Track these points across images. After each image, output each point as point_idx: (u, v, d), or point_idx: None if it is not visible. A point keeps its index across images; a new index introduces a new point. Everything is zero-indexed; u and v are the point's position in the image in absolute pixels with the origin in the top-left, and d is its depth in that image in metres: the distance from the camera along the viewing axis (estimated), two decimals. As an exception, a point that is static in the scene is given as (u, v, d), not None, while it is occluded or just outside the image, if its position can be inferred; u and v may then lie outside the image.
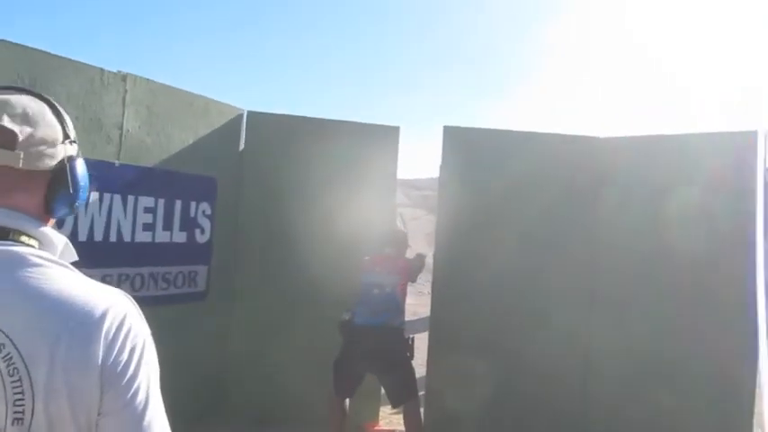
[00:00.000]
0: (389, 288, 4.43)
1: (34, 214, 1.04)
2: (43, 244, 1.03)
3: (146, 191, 4.31)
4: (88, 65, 3.97)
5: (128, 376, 0.96)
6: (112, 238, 4.07)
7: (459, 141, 5.23)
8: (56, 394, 0.90)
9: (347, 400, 4.47)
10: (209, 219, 4.84)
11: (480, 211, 5.14)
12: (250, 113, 5.22)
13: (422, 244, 16.80)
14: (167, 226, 4.49)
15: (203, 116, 4.82)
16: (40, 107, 1.05)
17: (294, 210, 5.12)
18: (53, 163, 1.04)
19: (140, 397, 0.97)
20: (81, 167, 1.09)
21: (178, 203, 4.57)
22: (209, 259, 4.85)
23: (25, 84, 3.62)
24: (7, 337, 0.90)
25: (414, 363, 5.45)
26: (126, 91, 4.20)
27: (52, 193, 1.04)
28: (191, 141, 4.70)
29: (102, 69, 4.05)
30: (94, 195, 3.98)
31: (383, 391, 5.55)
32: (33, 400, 0.90)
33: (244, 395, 5.09)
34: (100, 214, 4.02)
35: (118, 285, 4.02)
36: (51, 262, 0.99)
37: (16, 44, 3.59)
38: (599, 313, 5.06)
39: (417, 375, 6.87)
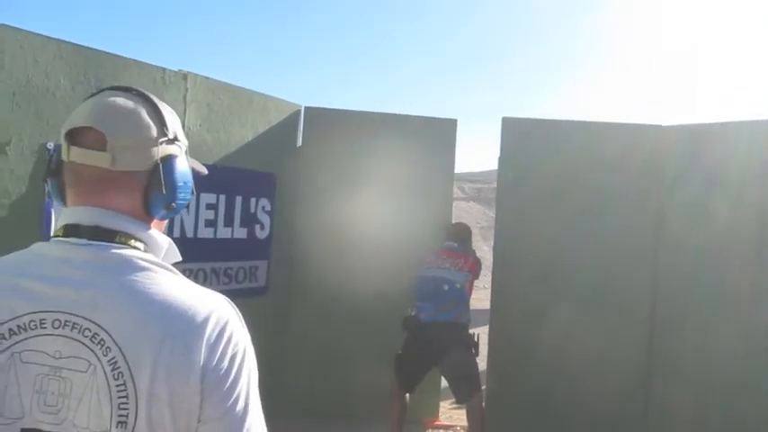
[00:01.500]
0: (459, 285, 4.39)
1: (137, 216, 1.05)
2: (148, 246, 1.04)
3: (207, 187, 4.38)
4: (150, 64, 4.05)
5: (228, 383, 0.96)
6: (176, 233, 4.15)
7: (518, 132, 5.13)
8: (157, 399, 0.92)
9: (407, 395, 4.45)
10: (269, 214, 4.89)
11: (539, 201, 5.05)
12: (307, 109, 5.24)
13: (476, 237, 16.72)
14: (228, 222, 4.55)
15: (262, 113, 4.86)
16: (135, 106, 1.05)
17: (351, 205, 5.13)
18: (148, 163, 1.04)
19: (240, 405, 0.97)
20: (180, 166, 1.09)
21: (238, 200, 4.63)
22: (269, 254, 4.90)
23: (91, 85, 3.72)
24: (113, 340, 0.92)
25: (479, 358, 5.42)
26: (187, 89, 4.27)
27: (148, 193, 1.04)
28: (250, 138, 4.75)
29: (163, 69, 4.12)
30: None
31: (443, 385, 5.53)
32: (137, 404, 0.91)
33: (302, 390, 5.12)
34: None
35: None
36: (157, 266, 1.00)
37: (81, 46, 3.68)
38: (663, 302, 4.90)
39: (481, 369, 6.87)
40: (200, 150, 4.36)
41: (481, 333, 4.66)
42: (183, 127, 4.21)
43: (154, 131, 1.05)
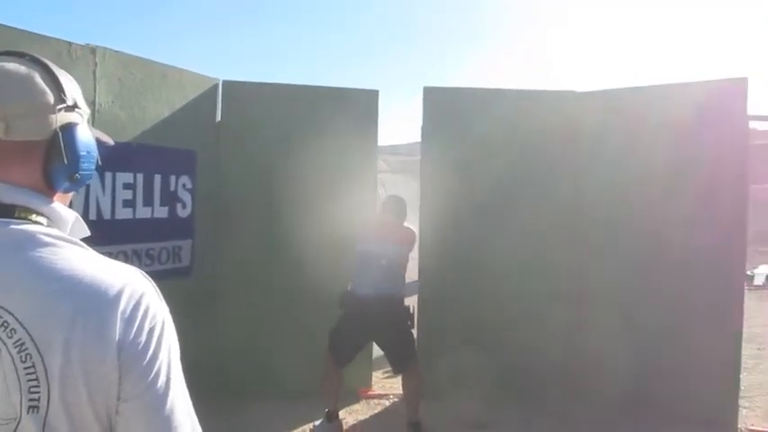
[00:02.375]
0: (396, 258, 4.39)
1: (38, 189, 0.98)
2: (52, 220, 0.97)
3: (123, 167, 4.21)
4: (55, 38, 3.83)
5: (147, 358, 0.91)
6: (92, 216, 3.98)
7: (439, 101, 5.19)
8: (72, 380, 0.86)
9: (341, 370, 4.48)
10: (190, 192, 4.76)
11: (463, 171, 5.14)
12: (225, 83, 5.10)
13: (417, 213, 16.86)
14: (148, 201, 4.40)
15: (178, 88, 4.70)
16: (27, 71, 0.98)
17: (274, 179, 5.06)
18: (46, 132, 0.97)
19: (161, 380, 0.92)
20: (82, 135, 1.02)
21: (157, 178, 4.48)
22: (192, 233, 4.79)
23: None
24: (18, 321, 0.86)
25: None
26: (96, 64, 4.07)
27: (47, 164, 0.97)
28: (166, 114, 4.58)
29: (69, 43, 3.91)
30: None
31: (375, 355, 5.59)
32: (48, 387, 0.85)
33: (229, 368, 5.05)
34: (77, 192, 3.91)
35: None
36: (62, 240, 0.94)
37: (-22, 19, 3.45)
38: (585, 258, 5.12)
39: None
40: (113, 128, 4.17)
41: (410, 304, 4.71)
42: (94, 104, 4.05)
43: (50, 98, 0.97)
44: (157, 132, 4.49)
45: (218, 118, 5.07)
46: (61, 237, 0.94)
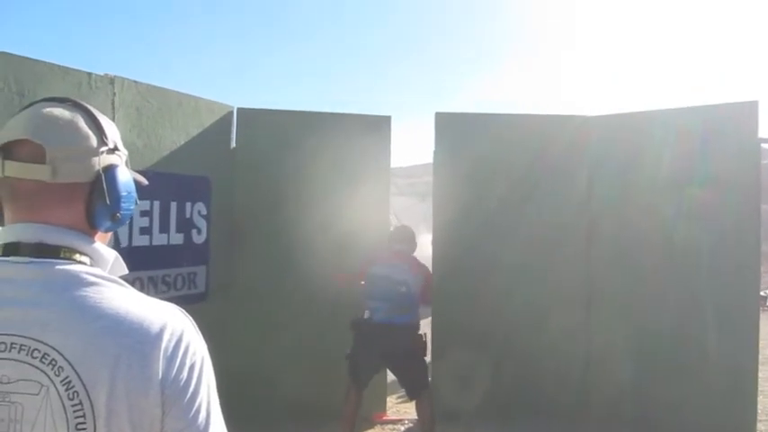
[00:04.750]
0: (414, 287, 4.40)
1: (80, 229, 1.01)
2: (94, 260, 1.01)
3: (140, 194, 4.20)
4: (75, 69, 3.91)
5: (189, 394, 0.95)
6: (109, 243, 4.01)
7: (452, 126, 5.25)
8: (117, 416, 0.89)
9: (361, 394, 4.49)
10: (206, 219, 4.80)
11: (472, 190, 5.21)
12: (240, 110, 5.17)
13: (420, 231, 16.88)
14: (164, 228, 4.45)
15: (193, 115, 4.76)
16: (72, 116, 1.01)
17: (288, 205, 5.10)
18: (89, 174, 1.01)
19: (202, 415, 0.96)
20: (122, 176, 1.06)
21: (173, 205, 4.52)
22: (207, 259, 4.82)
23: (12, 92, 3.56)
24: (66, 359, 0.89)
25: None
26: (114, 94, 4.14)
27: (91, 205, 1.01)
28: (182, 142, 4.64)
29: (89, 73, 3.98)
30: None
31: (389, 380, 5.58)
32: (95, 423, 0.88)
33: (244, 394, 5.04)
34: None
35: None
36: (105, 279, 0.97)
37: (2, 52, 3.52)
38: (592, 271, 5.17)
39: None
40: (131, 156, 4.12)
41: (424, 326, 4.72)
42: (112, 133, 4.10)
43: (94, 141, 1.01)
44: (173, 159, 4.54)
45: (233, 144, 5.13)
46: (103, 276, 0.97)
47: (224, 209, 4.97)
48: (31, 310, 0.90)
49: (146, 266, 4.28)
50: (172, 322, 0.96)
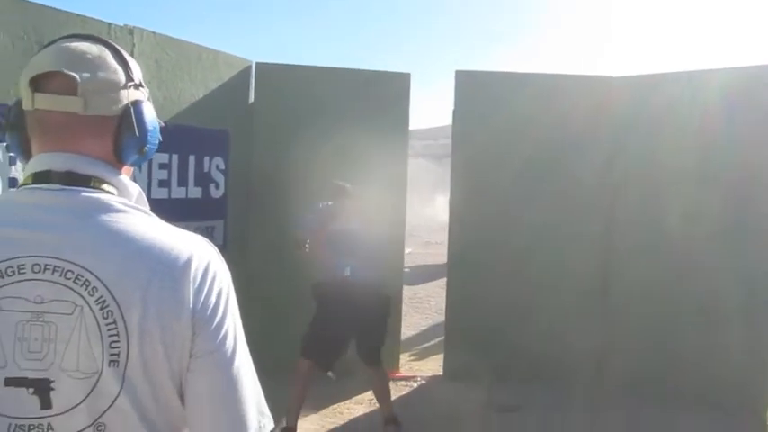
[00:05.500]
0: (379, 242, 4.09)
1: (108, 161, 1.03)
2: (120, 191, 1.02)
3: (159, 147, 4.25)
4: (95, 19, 3.89)
5: (217, 320, 0.98)
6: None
7: (473, 86, 5.17)
8: (149, 336, 0.92)
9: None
10: (223, 173, 4.81)
11: (493, 154, 5.14)
12: (258, 65, 5.13)
13: (427, 193, 16.86)
14: (182, 182, 4.47)
15: (212, 69, 4.74)
16: (100, 51, 1.03)
17: (305, 162, 5.08)
18: (118, 107, 1.02)
19: (229, 341, 0.99)
20: (148, 111, 1.07)
21: (192, 159, 4.53)
22: (225, 214, 4.85)
23: (32, 41, 3.55)
24: (99, 280, 0.91)
25: (432, 310, 5.42)
26: (134, 45, 4.11)
27: (119, 138, 1.02)
28: (201, 95, 4.63)
29: (109, 24, 3.96)
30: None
31: (403, 336, 5.64)
32: (128, 341, 0.91)
33: (260, 350, 5.12)
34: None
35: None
36: (133, 208, 1.00)
37: (23, 0, 3.50)
38: (615, 239, 5.11)
39: (435, 323, 7.05)
40: (150, 108, 4.23)
41: (434, 288, 4.72)
42: (132, 84, 4.10)
43: (122, 76, 1.03)
44: (192, 113, 4.53)
45: (251, 99, 5.10)
46: (131, 205, 1.00)
47: (241, 164, 4.98)
48: (63, 235, 0.93)
49: (164, 219, 4.30)
50: (199, 251, 0.99)
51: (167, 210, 4.32)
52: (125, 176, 1.05)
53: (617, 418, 4.54)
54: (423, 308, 7.88)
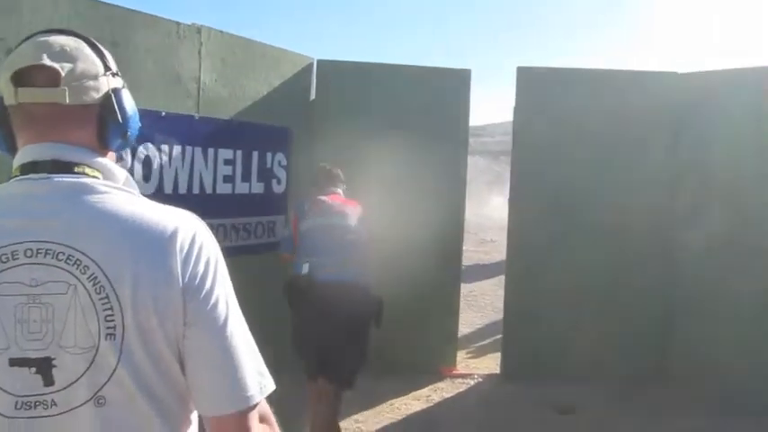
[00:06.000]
0: (363, 235, 3.63)
1: (92, 147, 1.08)
2: (105, 175, 1.07)
3: (224, 143, 4.37)
4: (165, 18, 4.00)
5: (206, 288, 1.01)
6: (195, 190, 4.17)
7: (534, 82, 5.11)
8: (143, 307, 0.97)
9: (327, 383, 3.41)
10: (285, 169, 4.89)
11: (554, 151, 5.08)
12: (320, 62, 5.19)
13: (482, 191, 16.73)
14: (246, 177, 4.56)
15: (275, 66, 4.82)
16: (77, 44, 1.07)
17: (364, 159, 5.10)
18: (99, 95, 1.07)
19: (220, 308, 1.03)
20: (127, 97, 1.12)
21: (255, 155, 4.63)
22: (285, 210, 4.92)
23: (107, 41, 3.68)
24: (90, 259, 0.96)
25: (488, 308, 5.30)
26: (201, 44, 4.22)
27: (102, 124, 1.08)
28: (264, 92, 4.71)
29: (177, 23, 4.07)
30: (177, 149, 4.06)
31: (461, 333, 5.63)
32: (122, 314, 0.96)
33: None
34: (183, 167, 4.11)
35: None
36: (117, 189, 1.04)
37: (96, 1, 3.63)
38: (679, 238, 5.01)
39: (491, 321, 7.01)
40: (215, 105, 4.34)
41: (489, 286, 4.69)
42: (199, 81, 4.22)
43: (100, 65, 1.08)
44: (255, 110, 4.62)
45: (312, 96, 5.17)
46: (115, 186, 1.05)
47: (302, 160, 5.04)
48: (52, 219, 0.98)
49: (228, 214, 4.41)
50: (184, 224, 1.03)
51: (231, 204, 4.46)
52: (109, 161, 1.09)
53: (680, 424, 4.42)
54: (478, 306, 7.84)
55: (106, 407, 0.97)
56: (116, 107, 1.08)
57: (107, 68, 1.09)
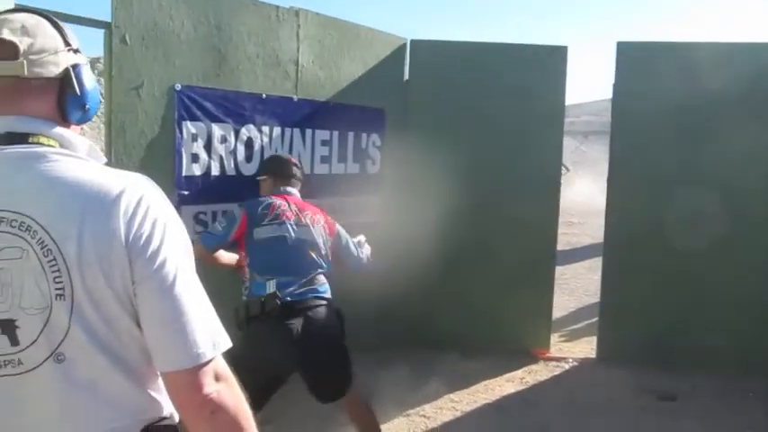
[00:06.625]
0: (325, 250, 3.20)
1: (53, 119, 1.12)
2: (62, 145, 1.11)
3: (321, 124, 4.44)
4: (264, 2, 4.08)
5: (152, 247, 1.05)
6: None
7: (635, 58, 4.92)
8: (88, 266, 1.01)
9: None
10: (379, 150, 4.92)
11: (657, 130, 4.87)
12: (413, 42, 5.16)
13: (569, 175, 16.29)
14: (342, 158, 4.63)
15: (369, 47, 4.84)
16: (36, 20, 1.12)
17: (458, 139, 5.07)
18: (58, 70, 1.11)
19: (168, 267, 1.06)
20: (87, 72, 1.16)
21: (350, 135, 4.68)
22: (379, 190, 4.96)
23: (211, 25, 3.80)
24: (37, 223, 1.01)
25: (579, 291, 5.17)
26: (299, 26, 4.29)
27: (62, 97, 1.12)
28: (359, 73, 4.75)
29: (276, 6, 4.15)
30: (277, 130, 4.15)
31: (555, 316, 5.53)
32: (70, 275, 1.01)
33: (414, 321, 5.18)
34: (282, 148, 4.20)
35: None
36: (69, 156, 1.09)
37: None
38: None
39: (583, 304, 6.86)
40: (313, 87, 4.41)
41: (580, 269, 4.55)
42: (297, 64, 4.29)
43: (60, 41, 1.12)
44: (350, 91, 4.67)
45: (406, 77, 5.16)
46: (67, 153, 1.09)
47: (396, 142, 5.06)
48: (5, 189, 1.03)
49: (324, 194, 4.48)
50: (132, 186, 1.07)
51: (328, 184, 4.54)
52: (67, 130, 1.13)
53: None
54: (569, 288, 7.67)
55: (66, 363, 1.02)
56: (74, 81, 1.12)
57: (67, 44, 1.14)
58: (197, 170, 3.73)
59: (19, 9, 1.17)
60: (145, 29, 3.50)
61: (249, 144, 4.00)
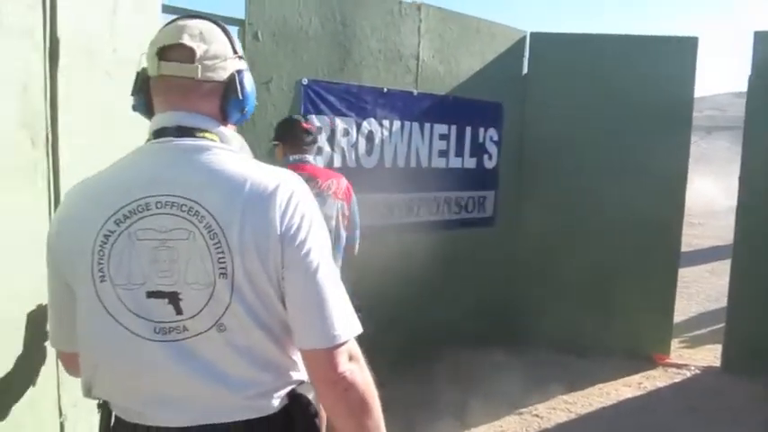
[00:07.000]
0: (335, 221, 2.98)
1: (214, 118, 1.24)
2: (222, 140, 1.23)
3: (440, 118, 4.46)
4: (386, -4, 4.14)
5: (300, 237, 1.16)
6: (412, 163, 4.31)
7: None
8: (248, 252, 1.13)
9: None
10: (496, 144, 4.88)
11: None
12: (533, 35, 5.08)
13: (696, 171, 15.43)
14: (459, 152, 4.62)
15: (489, 41, 4.80)
16: (211, 27, 1.24)
17: (579, 134, 4.94)
18: (225, 75, 1.23)
19: (313, 256, 1.16)
20: (248, 78, 1.28)
21: (468, 130, 4.67)
22: (496, 185, 4.92)
23: (337, 21, 3.89)
24: (205, 209, 1.13)
25: (700, 296, 4.90)
26: (420, 21, 4.32)
27: (225, 99, 1.24)
28: (477, 67, 4.72)
29: (399, 1, 4.19)
30: (397, 124, 4.21)
31: (676, 321, 5.29)
32: (232, 257, 1.13)
33: (529, 320, 5.11)
34: (402, 141, 4.25)
35: (417, 209, 4.33)
36: (229, 151, 1.21)
37: (330, -16, 3.85)
38: None
39: (705, 309, 6.52)
40: (432, 81, 4.43)
41: (701, 273, 4.32)
42: (418, 58, 4.33)
43: (229, 48, 1.25)
44: (469, 85, 4.66)
45: (525, 71, 5.08)
46: (229, 149, 1.22)
47: (514, 137, 5.00)
48: (175, 176, 1.16)
49: (441, 188, 4.50)
50: (285, 183, 1.17)
51: (445, 178, 4.56)
52: (227, 129, 1.26)
53: None
54: (689, 293, 7.31)
55: (227, 332, 1.15)
56: (238, 86, 1.24)
57: (234, 52, 1.26)
58: (320, 162, 3.84)
59: (195, 16, 1.28)
60: (276, 25, 3.64)
61: (370, 137, 4.07)
